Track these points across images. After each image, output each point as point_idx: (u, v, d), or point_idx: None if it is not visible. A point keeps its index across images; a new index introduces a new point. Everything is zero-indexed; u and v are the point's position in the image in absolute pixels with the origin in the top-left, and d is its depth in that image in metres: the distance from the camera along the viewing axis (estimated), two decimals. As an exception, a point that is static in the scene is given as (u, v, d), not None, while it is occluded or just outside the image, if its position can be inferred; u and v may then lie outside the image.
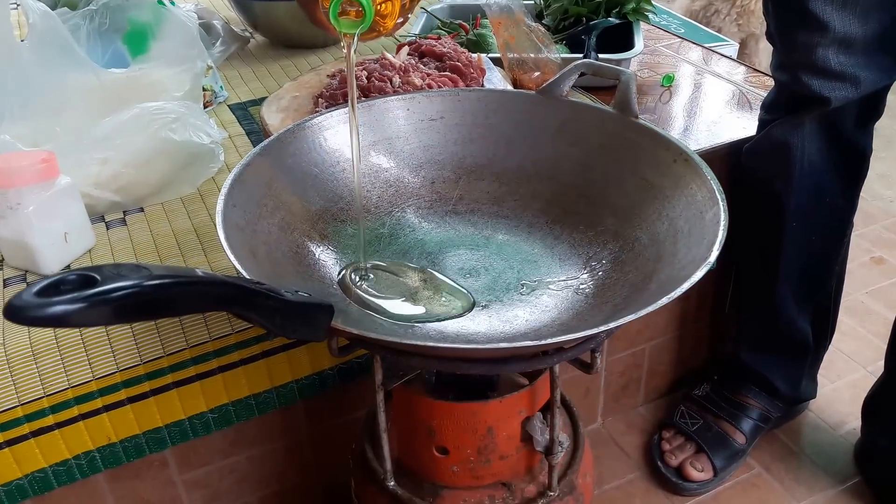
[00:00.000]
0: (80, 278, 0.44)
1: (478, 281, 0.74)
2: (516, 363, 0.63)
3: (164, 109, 0.95)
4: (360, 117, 0.83)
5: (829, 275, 1.17)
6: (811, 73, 0.97)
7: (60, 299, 0.41)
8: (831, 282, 1.19)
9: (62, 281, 0.43)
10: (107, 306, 0.43)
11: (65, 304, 0.41)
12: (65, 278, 0.43)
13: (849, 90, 0.97)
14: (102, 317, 0.43)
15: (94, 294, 0.42)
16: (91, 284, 0.43)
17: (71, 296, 0.42)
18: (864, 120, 1.04)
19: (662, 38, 1.46)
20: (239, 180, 0.71)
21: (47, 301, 0.41)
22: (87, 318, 0.42)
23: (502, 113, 0.84)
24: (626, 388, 1.30)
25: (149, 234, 0.95)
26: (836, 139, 1.04)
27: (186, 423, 0.88)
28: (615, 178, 0.78)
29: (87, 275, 0.44)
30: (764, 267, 1.14)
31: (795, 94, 1.01)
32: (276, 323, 0.53)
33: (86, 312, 0.42)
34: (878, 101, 1.03)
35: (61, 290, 0.42)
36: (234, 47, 1.38)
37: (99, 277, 0.43)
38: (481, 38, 1.23)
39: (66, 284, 0.43)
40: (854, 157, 1.07)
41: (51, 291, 0.42)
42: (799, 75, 0.98)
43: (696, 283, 0.59)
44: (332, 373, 0.93)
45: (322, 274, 0.73)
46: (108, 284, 0.43)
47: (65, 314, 0.41)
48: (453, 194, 0.84)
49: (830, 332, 1.26)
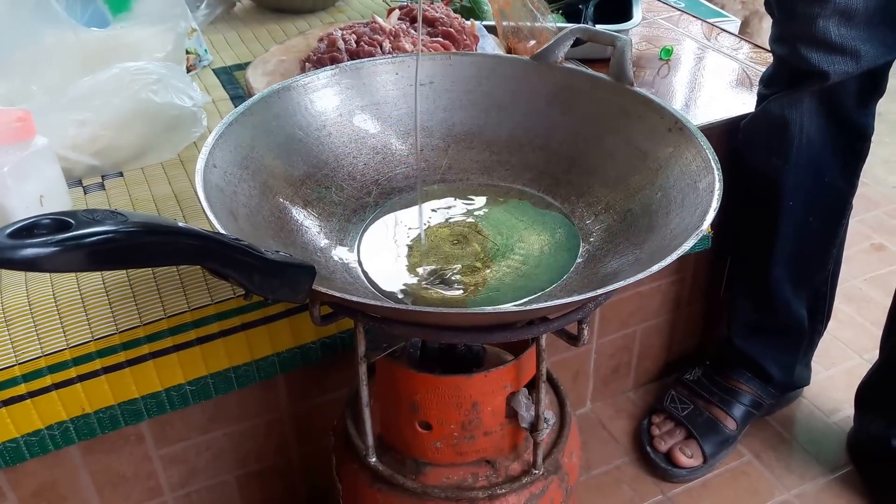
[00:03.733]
0: (55, 222, 0.42)
1: (466, 247, 0.72)
2: (501, 332, 0.61)
3: (144, 70, 0.92)
4: (346, 80, 0.80)
5: (827, 258, 1.15)
6: (810, 45, 0.94)
7: (33, 242, 0.40)
8: (829, 266, 1.16)
9: (36, 224, 0.42)
10: (80, 251, 0.41)
11: (37, 248, 0.40)
12: (38, 222, 0.42)
13: (849, 64, 0.94)
14: (75, 262, 0.42)
15: (67, 238, 0.41)
16: (66, 229, 0.42)
17: (44, 239, 0.40)
18: (865, 98, 1.01)
19: (662, 10, 1.43)
20: (221, 140, 0.68)
21: (19, 243, 0.40)
22: (59, 263, 0.41)
23: (494, 79, 0.81)
24: (616, 371, 1.28)
25: (128, 199, 0.92)
26: (835, 116, 1.01)
27: (163, 394, 0.86)
28: (609, 148, 0.75)
29: (62, 219, 0.42)
30: (759, 247, 1.12)
31: (794, 68, 0.98)
32: (255, 281, 0.50)
33: (58, 256, 0.41)
34: (880, 78, 1.00)
35: (34, 234, 0.41)
36: (219, 10, 1.34)
37: (73, 222, 0.42)
38: (476, 5, 1.20)
39: (39, 228, 0.42)
40: (854, 137, 1.04)
41: (24, 234, 0.41)
42: (798, 48, 0.95)
43: (681, 259, 0.56)
44: (314, 347, 0.90)
45: (305, 240, 0.71)
46: (83, 229, 0.42)
47: (36, 257, 0.40)
48: (442, 163, 0.82)
49: (826, 317, 1.23)
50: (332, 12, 1.39)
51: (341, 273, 0.69)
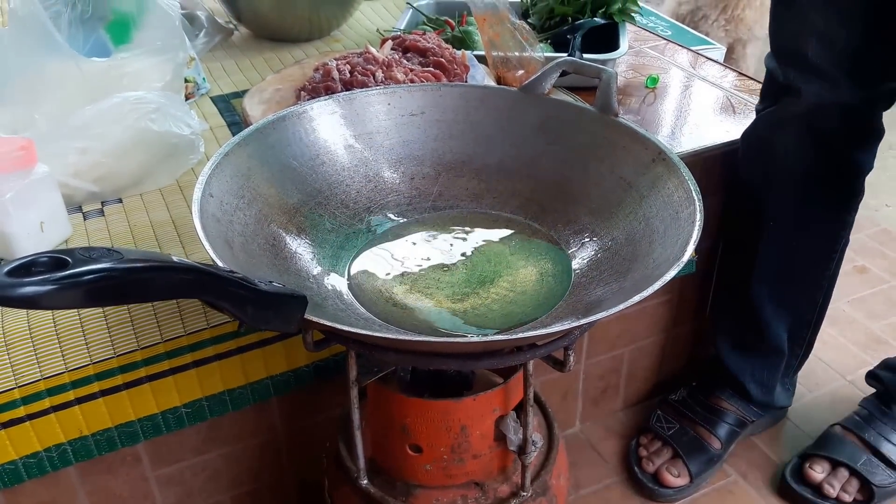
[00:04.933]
0: (52, 260, 0.44)
1: (455, 274, 0.74)
2: (489, 359, 0.63)
3: (144, 99, 0.94)
4: (340, 110, 0.82)
5: (813, 285, 1.17)
6: (790, 60, 0.98)
7: (31, 280, 0.41)
8: (816, 293, 1.18)
9: (34, 262, 0.43)
10: (78, 289, 0.43)
11: (35, 286, 0.41)
12: (36, 259, 0.43)
13: (823, 88, 0.96)
14: (73, 299, 0.43)
15: (65, 276, 0.42)
16: (63, 267, 0.43)
17: (42, 277, 0.42)
18: (858, 137, 1.02)
19: (648, 39, 1.46)
20: (217, 170, 0.70)
21: (18, 281, 0.41)
22: (57, 301, 0.42)
23: (483, 109, 0.84)
24: (605, 392, 1.30)
25: (126, 225, 0.94)
26: (823, 149, 1.03)
27: (159, 417, 0.88)
28: (594, 177, 0.78)
29: (59, 257, 0.44)
30: (742, 263, 1.14)
31: (776, 82, 1.01)
32: (248, 313, 0.52)
33: (56, 294, 0.42)
34: (871, 118, 1.01)
35: (33, 272, 0.42)
36: (217, 39, 1.37)
37: (71, 260, 0.43)
38: (467, 36, 1.23)
39: (37, 266, 0.43)
40: (845, 173, 1.06)
41: (22, 272, 0.42)
42: (780, 61, 0.99)
43: (668, 282, 0.59)
44: (307, 370, 0.92)
45: (299, 267, 0.73)
46: (80, 267, 0.43)
47: (35, 295, 0.41)
48: (433, 190, 0.84)
49: (808, 344, 1.25)
50: (327, 41, 1.41)
51: (333, 300, 0.71)
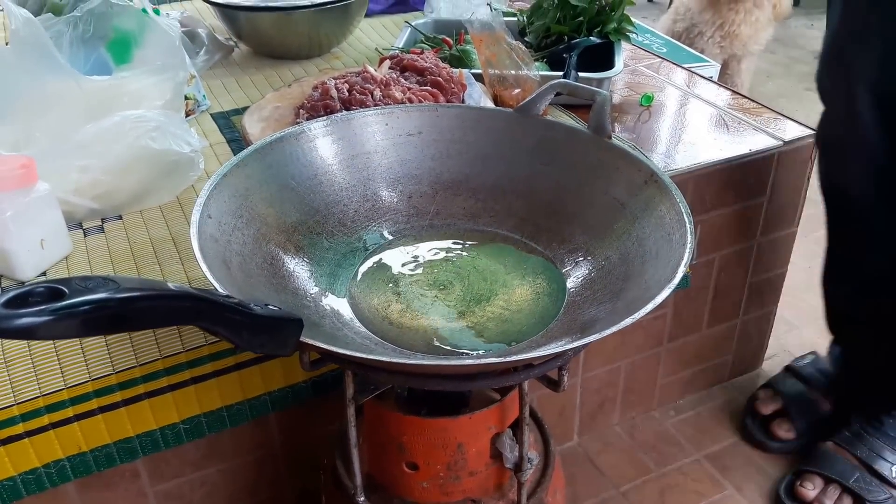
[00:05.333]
0: (49, 291, 0.44)
1: (451, 292, 0.75)
2: (484, 380, 0.64)
3: (144, 118, 0.95)
4: (338, 131, 0.83)
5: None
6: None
7: (28, 311, 0.42)
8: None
9: (30, 293, 0.43)
10: (74, 319, 0.43)
11: (32, 317, 0.41)
12: (33, 290, 0.43)
13: None
14: (70, 330, 0.43)
15: (61, 307, 0.42)
16: (60, 297, 0.43)
17: (38, 308, 0.42)
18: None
19: (644, 58, 1.47)
20: (215, 191, 0.71)
21: (14, 313, 0.41)
22: (54, 331, 0.42)
23: (480, 130, 0.85)
24: (602, 405, 1.31)
25: (126, 241, 0.95)
26: None
27: (158, 433, 0.88)
28: (588, 197, 0.79)
29: (56, 287, 0.44)
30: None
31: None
32: (244, 337, 0.53)
33: (53, 325, 0.42)
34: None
35: (29, 302, 0.42)
36: (217, 56, 1.38)
37: (67, 290, 0.43)
38: (464, 54, 1.24)
39: (34, 296, 0.43)
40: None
41: (18, 303, 0.42)
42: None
43: (659, 304, 0.60)
44: (305, 385, 0.93)
45: (296, 286, 0.74)
46: (77, 298, 0.43)
47: (31, 326, 0.41)
48: (430, 209, 0.85)
49: None
50: (327, 58, 1.43)
51: (330, 318, 0.72)
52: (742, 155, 1.15)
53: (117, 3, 1.10)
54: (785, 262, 1.33)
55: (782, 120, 1.23)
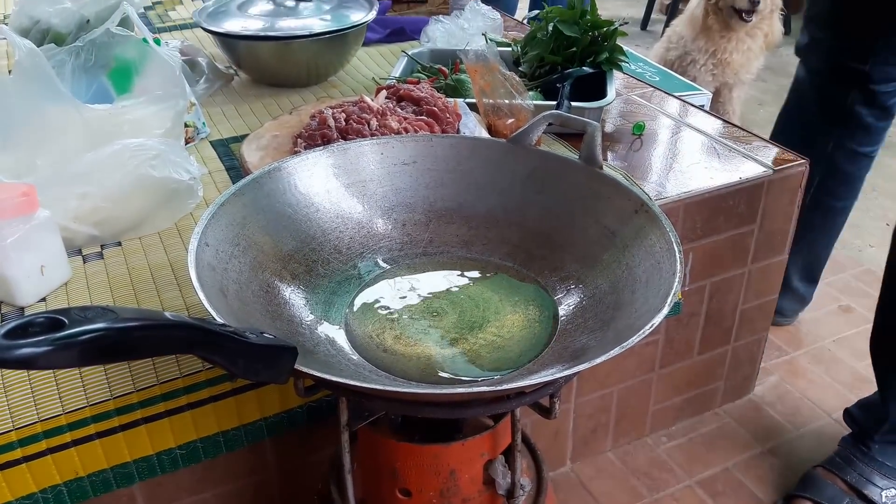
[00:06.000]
0: (49, 321, 0.45)
1: (444, 320, 0.76)
2: (476, 407, 0.65)
3: (144, 146, 0.97)
4: (334, 160, 0.85)
5: None
6: None
7: (28, 342, 0.42)
8: None
9: (30, 323, 0.44)
10: (73, 349, 0.44)
11: (32, 347, 0.42)
12: (33, 321, 0.44)
13: None
14: (69, 360, 0.44)
15: (61, 337, 0.43)
16: (59, 327, 0.44)
17: (38, 339, 0.43)
18: None
19: (636, 87, 1.49)
20: (213, 220, 0.72)
21: (15, 343, 0.42)
22: (53, 361, 0.43)
23: (473, 159, 0.87)
24: (595, 431, 1.31)
25: (125, 268, 0.97)
26: None
27: (154, 458, 0.89)
28: (579, 226, 0.80)
29: (56, 318, 0.45)
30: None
31: None
32: (239, 365, 0.54)
33: (52, 355, 0.43)
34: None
35: (29, 333, 0.43)
36: (217, 84, 1.40)
37: (67, 321, 0.44)
38: (459, 84, 1.26)
39: (34, 327, 0.44)
40: None
41: (18, 333, 0.43)
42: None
43: (651, 331, 0.61)
44: (300, 411, 0.94)
45: (291, 313, 0.75)
46: (76, 328, 0.44)
47: (32, 356, 0.42)
48: (424, 237, 0.86)
49: None
50: (325, 87, 1.45)
51: (325, 345, 0.73)
52: (732, 183, 1.17)
53: (119, 33, 1.12)
54: (775, 288, 1.35)
55: (772, 148, 1.25)
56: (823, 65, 1.38)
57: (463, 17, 1.55)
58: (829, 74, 1.37)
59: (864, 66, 1.30)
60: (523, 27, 1.74)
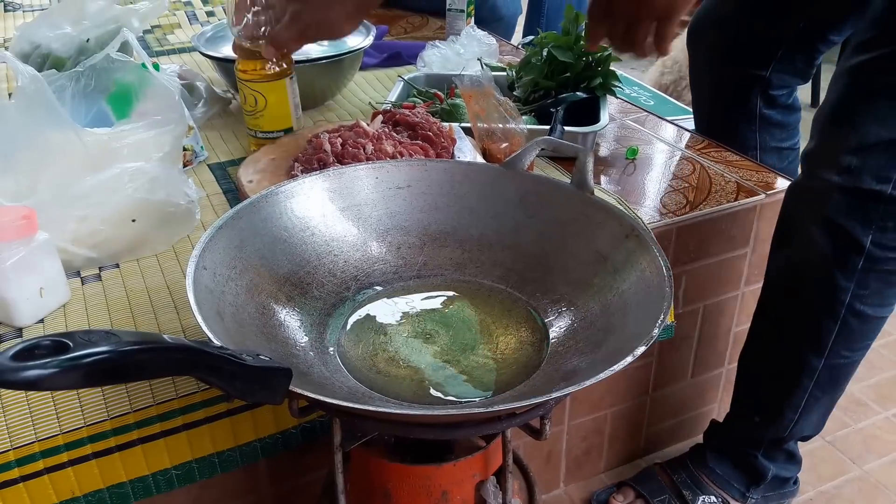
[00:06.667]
0: (54, 343, 0.46)
1: (437, 341, 0.77)
2: (467, 428, 0.66)
3: (142, 170, 0.98)
4: (330, 184, 0.86)
5: None
6: None
7: (34, 364, 0.44)
8: None
9: (36, 346, 0.46)
10: (78, 371, 0.45)
11: (38, 369, 0.44)
12: (39, 343, 0.46)
13: None
14: (73, 381, 0.45)
15: (66, 360, 0.45)
16: (64, 350, 0.46)
17: (44, 361, 0.44)
18: None
19: (630, 111, 1.51)
20: (211, 243, 0.74)
21: (21, 365, 0.44)
22: (58, 383, 0.45)
23: (467, 184, 0.88)
24: (588, 453, 1.32)
25: (123, 290, 0.98)
26: None
27: (150, 479, 0.90)
28: (571, 250, 0.81)
29: (61, 341, 0.46)
30: None
31: None
32: (236, 387, 0.55)
33: (58, 377, 0.44)
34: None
35: (35, 355, 0.45)
36: (215, 108, 1.42)
37: (71, 343, 0.46)
38: (455, 108, 1.28)
39: (40, 349, 0.46)
40: None
41: (25, 356, 0.45)
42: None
43: (644, 353, 0.62)
44: (295, 432, 0.95)
45: (286, 335, 0.76)
46: (80, 350, 0.46)
47: (38, 378, 0.44)
48: (418, 260, 0.87)
49: None
50: (321, 111, 1.47)
51: (319, 367, 0.74)
52: (725, 207, 1.18)
53: (118, 58, 1.14)
54: (768, 311, 1.36)
55: (764, 172, 1.27)
56: (727, 70, 1.41)
57: (459, 42, 1.58)
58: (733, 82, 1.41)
59: (765, 72, 1.34)
60: (519, 52, 1.76)
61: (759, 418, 1.19)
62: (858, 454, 1.43)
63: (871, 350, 1.64)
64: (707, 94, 1.47)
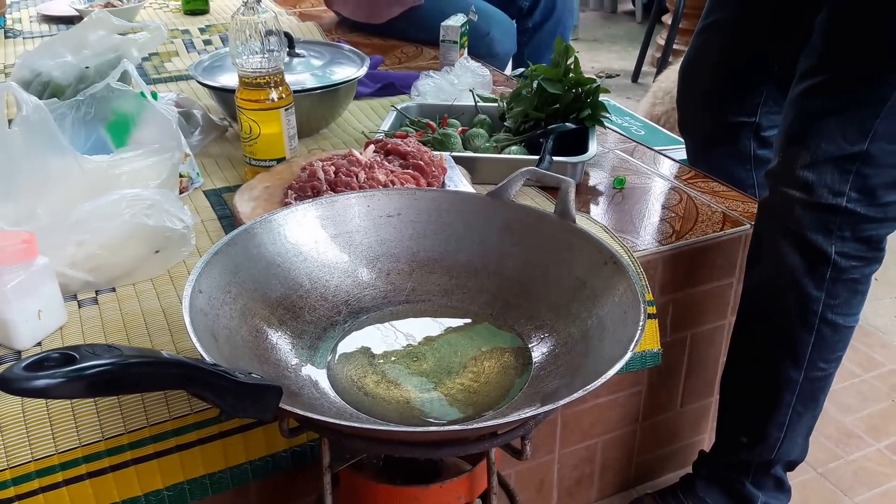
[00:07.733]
0: (62, 356, 0.52)
1: (424, 365, 0.80)
2: (450, 447, 0.68)
3: (140, 196, 1.01)
4: (322, 212, 0.89)
5: None
6: None
7: (44, 374, 0.50)
8: None
9: (46, 358, 0.51)
10: (82, 381, 0.51)
11: (48, 379, 0.50)
12: (49, 356, 0.51)
13: None
14: (79, 391, 0.51)
15: (71, 370, 0.50)
16: (71, 362, 0.51)
17: (52, 371, 0.50)
18: None
19: (619, 142, 1.54)
20: (206, 268, 0.76)
21: (33, 375, 0.49)
22: (65, 391, 0.50)
23: (454, 212, 0.91)
24: (579, 482, 1.33)
25: (119, 313, 1.00)
26: None
27: (143, 499, 0.91)
28: (553, 277, 0.84)
29: (68, 353, 0.52)
30: None
31: None
32: (228, 402, 0.58)
33: (65, 386, 0.50)
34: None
35: (45, 366, 0.50)
36: (212, 136, 1.45)
37: (78, 356, 0.51)
38: (446, 138, 1.31)
39: (49, 361, 0.51)
40: None
41: (36, 367, 0.50)
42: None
43: (636, 374, 0.64)
44: (285, 455, 0.96)
45: (278, 357, 0.78)
46: (86, 362, 0.51)
47: (47, 387, 0.50)
48: (407, 286, 0.90)
49: None
50: (316, 139, 1.50)
51: (309, 388, 0.76)
52: (711, 236, 1.21)
53: (117, 87, 1.17)
54: (754, 339, 1.37)
55: (750, 203, 1.30)
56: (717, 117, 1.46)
57: (453, 72, 1.61)
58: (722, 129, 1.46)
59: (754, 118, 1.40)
60: (511, 83, 1.79)
61: (746, 438, 1.21)
62: (850, 486, 1.43)
63: (863, 382, 1.68)
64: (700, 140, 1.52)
